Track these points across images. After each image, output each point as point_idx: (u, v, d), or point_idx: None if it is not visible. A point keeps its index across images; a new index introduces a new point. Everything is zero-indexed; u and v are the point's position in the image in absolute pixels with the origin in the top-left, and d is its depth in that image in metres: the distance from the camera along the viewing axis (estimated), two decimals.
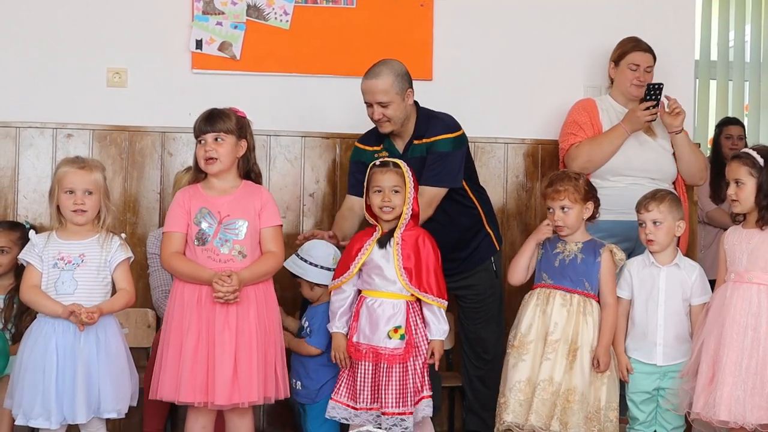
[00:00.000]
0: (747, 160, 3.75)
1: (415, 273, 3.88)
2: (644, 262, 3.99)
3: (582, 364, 3.86)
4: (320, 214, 4.97)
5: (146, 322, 4.69)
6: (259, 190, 3.87)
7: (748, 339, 3.66)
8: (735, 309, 3.70)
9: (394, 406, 3.82)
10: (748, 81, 7.52)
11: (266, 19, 4.93)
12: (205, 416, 3.79)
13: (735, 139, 6.16)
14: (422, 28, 5.01)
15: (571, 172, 4.12)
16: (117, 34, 4.86)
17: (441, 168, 4.31)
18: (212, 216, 3.77)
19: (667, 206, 3.92)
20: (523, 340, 3.91)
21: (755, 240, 3.75)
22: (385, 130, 4.36)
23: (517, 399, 3.86)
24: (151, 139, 4.88)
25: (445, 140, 4.34)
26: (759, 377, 3.62)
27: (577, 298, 3.92)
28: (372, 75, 4.31)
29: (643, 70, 4.69)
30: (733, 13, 7.48)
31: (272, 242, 3.83)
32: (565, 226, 3.94)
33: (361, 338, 3.90)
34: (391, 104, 4.28)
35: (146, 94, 4.88)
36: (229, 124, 3.79)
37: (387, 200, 3.90)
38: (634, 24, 4.94)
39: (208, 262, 3.73)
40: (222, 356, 3.66)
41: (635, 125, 4.56)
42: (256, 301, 3.76)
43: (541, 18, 5.08)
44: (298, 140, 4.97)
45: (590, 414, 3.85)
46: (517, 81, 4.90)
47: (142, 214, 4.88)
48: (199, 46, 4.90)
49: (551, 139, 4.89)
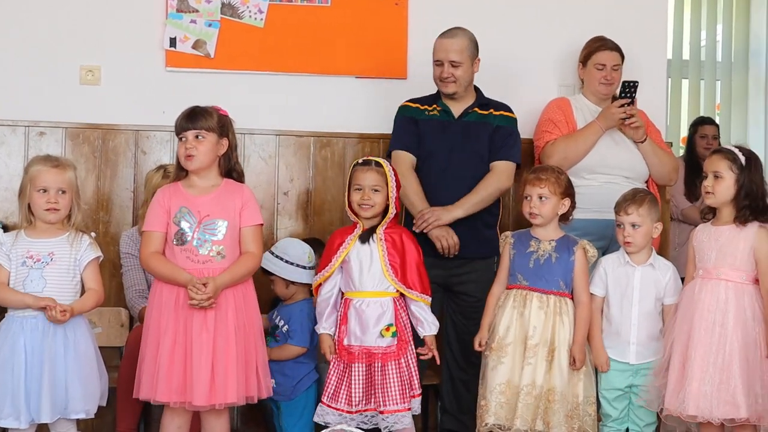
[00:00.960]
0: (729, 155, 3.78)
1: (400, 270, 3.90)
2: (619, 260, 4.02)
3: (560, 364, 3.88)
4: (295, 213, 4.97)
5: (119, 321, 4.67)
6: (240, 189, 3.85)
7: (715, 335, 3.69)
8: (703, 305, 3.74)
9: (396, 404, 3.83)
10: (720, 80, 7.57)
11: (241, 17, 4.92)
12: (181, 416, 3.77)
13: (710, 139, 6.20)
14: (397, 26, 5.01)
15: (555, 167, 4.15)
16: (90, 31, 4.83)
17: (514, 143, 4.56)
18: (192, 215, 3.75)
19: (646, 209, 3.95)
20: (501, 343, 3.92)
21: (724, 237, 3.78)
22: (449, 90, 4.48)
23: (498, 401, 3.87)
24: (124, 138, 4.86)
25: (513, 119, 4.61)
26: (726, 373, 3.65)
27: (553, 299, 3.93)
28: (449, 35, 4.48)
29: (610, 69, 4.71)
30: (705, 13, 7.53)
31: (252, 242, 3.81)
32: (539, 215, 3.96)
33: (353, 340, 3.89)
34: (461, 65, 4.45)
35: (120, 92, 4.85)
36: (210, 122, 3.77)
37: (366, 198, 3.91)
38: (607, 23, 4.96)
39: (187, 263, 3.71)
40: (200, 357, 3.65)
41: (610, 122, 4.58)
42: (234, 302, 3.74)
43: (515, 18, 5.09)
44: (272, 139, 4.96)
45: (570, 411, 3.87)
46: (492, 80, 4.89)
47: (115, 213, 4.85)
48: (173, 44, 4.88)
49: (526, 137, 4.89)
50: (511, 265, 4.03)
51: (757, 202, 3.74)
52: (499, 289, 4.05)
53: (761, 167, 3.83)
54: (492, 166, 4.48)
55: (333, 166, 4.98)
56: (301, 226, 4.95)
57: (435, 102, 4.57)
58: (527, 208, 3.98)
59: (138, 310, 4.38)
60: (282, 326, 4.32)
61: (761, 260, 3.73)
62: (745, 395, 3.63)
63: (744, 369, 3.65)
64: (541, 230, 4.01)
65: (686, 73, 7.52)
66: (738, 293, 3.72)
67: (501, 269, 4.08)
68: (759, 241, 3.73)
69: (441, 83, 4.50)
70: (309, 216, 4.97)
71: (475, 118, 4.52)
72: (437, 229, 4.31)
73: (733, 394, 3.63)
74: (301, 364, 4.31)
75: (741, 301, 3.72)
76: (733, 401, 3.63)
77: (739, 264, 3.74)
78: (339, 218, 4.91)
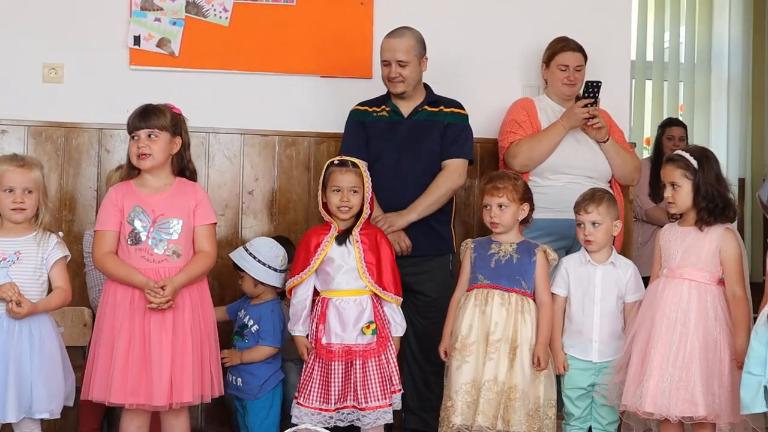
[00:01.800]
0: (681, 163, 3.81)
1: (376, 270, 3.92)
2: (580, 260, 4.04)
3: (522, 362, 3.89)
4: (260, 213, 4.96)
5: (82, 320, 4.63)
6: (193, 188, 3.84)
7: (677, 333, 3.72)
8: (666, 303, 3.76)
9: (378, 400, 3.85)
10: (683, 81, 7.62)
11: (205, 16, 4.90)
12: (140, 417, 3.76)
13: (677, 140, 6.21)
14: (362, 26, 5.01)
15: (510, 172, 4.16)
16: (53, 29, 4.81)
17: (465, 140, 4.56)
18: (146, 215, 3.74)
19: (605, 207, 3.97)
20: (464, 342, 3.93)
21: (690, 238, 3.81)
22: (398, 90, 4.49)
23: (464, 401, 3.88)
24: (87, 136, 4.83)
25: (464, 115, 4.60)
26: (685, 371, 3.68)
27: (515, 296, 3.94)
28: (396, 34, 4.50)
29: (573, 70, 4.73)
30: (669, 15, 7.58)
31: (206, 241, 3.80)
32: (500, 223, 3.97)
33: (333, 338, 3.90)
34: (408, 65, 4.46)
35: (83, 90, 4.82)
36: (163, 120, 3.76)
37: (345, 200, 3.92)
38: (572, 24, 4.98)
39: (142, 262, 3.70)
40: (159, 357, 3.64)
41: (573, 122, 4.60)
42: (191, 301, 3.74)
43: (480, 18, 5.10)
44: (237, 138, 4.95)
45: (531, 411, 3.88)
46: (456, 80, 4.92)
47: (78, 212, 4.82)
48: (137, 42, 4.85)
49: (491, 137, 4.92)
50: (471, 268, 4.04)
51: (714, 202, 3.77)
52: (459, 295, 4.06)
53: (714, 163, 3.83)
54: (444, 164, 4.50)
55: (298, 166, 4.97)
56: (265, 225, 4.94)
57: (384, 103, 4.58)
58: (488, 217, 3.99)
59: None
60: (251, 326, 4.31)
61: (727, 262, 3.76)
62: (703, 393, 3.66)
63: (704, 368, 3.68)
64: (502, 235, 4.03)
65: (650, 74, 7.57)
66: (701, 293, 3.75)
67: (462, 275, 4.08)
68: (725, 244, 3.76)
69: (389, 83, 4.51)
70: (274, 215, 4.96)
71: (425, 116, 4.54)
72: (390, 235, 4.32)
73: (692, 392, 3.66)
74: (268, 363, 4.30)
75: (703, 301, 3.74)
76: (691, 399, 3.66)
77: (703, 265, 3.77)
78: (304, 218, 4.91)
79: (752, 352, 3.52)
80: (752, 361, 3.51)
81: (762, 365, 3.49)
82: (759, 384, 3.49)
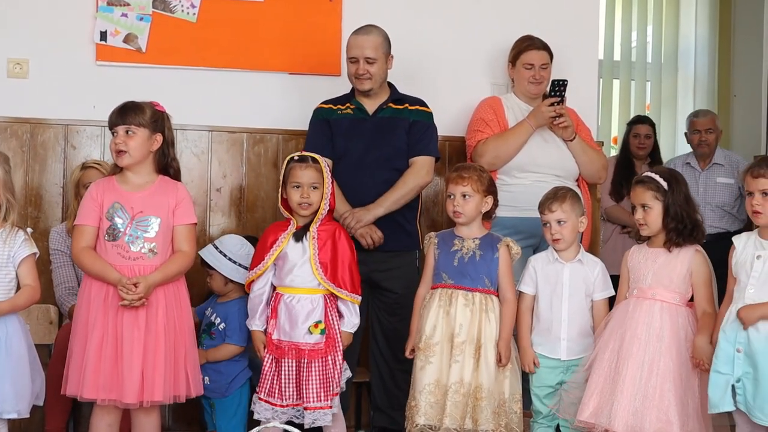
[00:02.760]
0: (651, 185, 3.83)
1: (330, 268, 3.90)
2: (548, 258, 4.05)
3: (487, 361, 3.89)
4: (228, 210, 4.94)
5: (48, 318, 4.60)
6: (175, 187, 3.82)
7: (649, 353, 3.72)
8: (637, 323, 3.77)
9: (317, 401, 3.83)
10: (650, 81, 7.68)
11: (173, 12, 4.88)
12: (111, 414, 3.75)
13: (642, 138, 6.22)
14: (330, 23, 5.00)
15: (477, 165, 4.18)
16: (19, 23, 4.76)
17: (431, 137, 4.58)
18: (125, 211, 3.73)
19: (569, 205, 3.99)
20: (428, 342, 3.93)
21: (661, 260, 3.82)
22: (365, 87, 4.50)
23: (428, 401, 3.88)
24: (53, 132, 4.79)
25: (428, 113, 4.61)
26: (659, 390, 3.69)
27: (478, 296, 3.95)
28: (363, 32, 4.51)
29: (538, 68, 4.74)
30: (636, 14, 7.63)
31: (184, 241, 3.79)
32: (463, 213, 3.97)
33: (282, 335, 3.89)
34: (376, 62, 4.48)
35: (49, 85, 4.78)
36: (141, 117, 3.74)
37: (305, 196, 3.91)
38: (540, 23, 5.00)
39: (117, 259, 3.68)
40: (130, 355, 3.63)
41: (540, 121, 4.62)
42: (165, 301, 3.72)
43: (448, 16, 5.11)
44: (205, 134, 4.93)
45: (497, 408, 3.89)
46: (424, 78, 4.93)
47: (44, 209, 4.78)
48: (104, 37, 4.82)
49: (458, 136, 4.93)
50: (435, 265, 4.04)
51: (684, 223, 3.79)
52: (424, 291, 4.06)
53: (683, 185, 3.87)
54: (411, 162, 4.51)
55: (266, 163, 4.96)
56: (234, 222, 4.93)
57: (348, 101, 4.58)
58: (451, 206, 3.99)
59: (68, 308, 4.33)
60: (218, 324, 4.30)
61: (699, 285, 3.79)
62: (678, 413, 3.67)
63: (678, 387, 3.70)
64: (464, 229, 4.03)
65: (617, 73, 7.62)
66: (672, 314, 3.77)
67: (426, 270, 4.08)
68: (696, 267, 3.79)
69: (356, 80, 4.51)
70: (242, 213, 4.95)
71: (390, 114, 4.54)
72: (360, 230, 4.32)
73: (667, 411, 3.66)
74: (235, 361, 4.30)
75: (675, 322, 3.76)
76: (666, 418, 3.66)
77: (675, 286, 3.79)
78: (272, 215, 4.89)
79: (720, 351, 3.55)
80: (720, 360, 3.54)
81: (730, 364, 3.53)
82: (727, 383, 3.52)
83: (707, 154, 6.18)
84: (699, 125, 6.22)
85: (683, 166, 6.15)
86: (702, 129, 6.20)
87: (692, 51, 7.63)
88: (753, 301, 3.52)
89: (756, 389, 3.47)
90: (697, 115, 6.34)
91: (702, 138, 6.17)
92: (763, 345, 3.48)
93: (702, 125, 6.21)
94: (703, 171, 6.17)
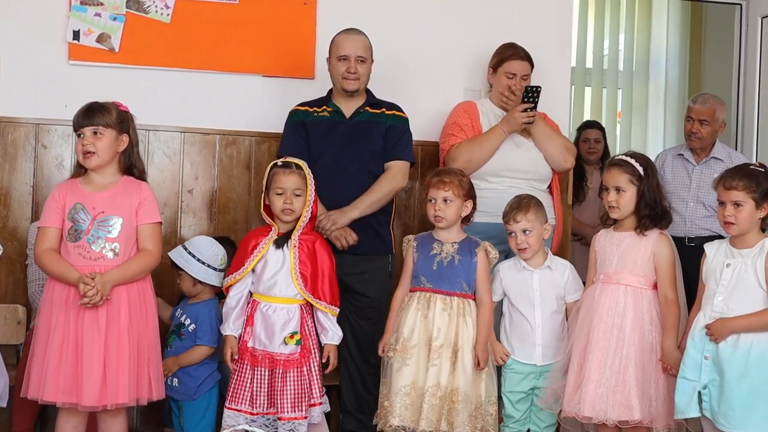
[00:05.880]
0: (627, 168, 3.86)
1: (310, 279, 3.88)
2: (516, 266, 4.09)
3: (464, 364, 3.91)
4: (199, 211, 4.92)
5: (16, 318, 4.54)
6: (138, 186, 3.80)
7: (613, 338, 3.78)
8: (602, 308, 3.82)
9: (290, 411, 3.81)
10: (621, 88, 7.74)
11: (147, 12, 4.86)
12: (77, 416, 3.72)
13: (592, 142, 6.08)
14: (305, 26, 5.00)
15: (456, 169, 4.21)
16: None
17: (407, 143, 4.60)
18: (86, 212, 3.70)
19: (533, 214, 4.03)
20: (405, 345, 3.94)
21: (626, 243, 3.86)
22: (352, 87, 4.53)
23: (403, 403, 3.89)
24: (24, 131, 4.76)
25: (404, 118, 4.64)
26: (622, 376, 3.74)
27: (456, 300, 3.97)
28: (354, 32, 4.56)
29: (519, 78, 4.75)
30: (608, 23, 7.70)
31: (149, 240, 3.77)
32: (444, 218, 3.99)
33: (257, 344, 3.87)
34: (365, 63, 4.54)
35: (20, 84, 4.75)
36: (108, 118, 3.72)
37: (288, 203, 3.89)
38: (514, 30, 5.03)
39: (79, 259, 3.66)
40: (90, 357, 3.60)
41: (513, 127, 4.63)
42: (128, 301, 3.70)
43: (423, 21, 5.13)
44: (177, 135, 4.91)
45: (473, 411, 3.91)
46: (399, 83, 4.94)
47: (13, 207, 4.75)
48: (77, 37, 4.79)
49: (432, 140, 4.94)
50: (414, 268, 4.06)
51: (656, 209, 3.84)
52: (402, 293, 4.08)
53: (656, 171, 3.94)
54: (387, 166, 4.52)
55: (238, 165, 4.95)
56: (205, 224, 4.91)
57: (325, 103, 4.59)
58: (432, 211, 4.01)
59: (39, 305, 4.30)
60: (188, 325, 4.28)
61: (660, 266, 3.82)
62: (639, 398, 3.72)
63: (639, 372, 3.75)
64: (443, 233, 4.05)
65: (589, 80, 7.67)
66: (637, 298, 3.82)
67: (405, 273, 4.10)
68: (659, 248, 3.83)
69: (344, 80, 4.51)
70: (214, 214, 4.93)
71: (366, 118, 4.56)
72: (335, 232, 4.33)
73: (628, 397, 3.72)
74: (205, 364, 4.28)
75: (639, 306, 3.81)
76: (627, 403, 3.72)
77: (639, 270, 3.83)
78: (244, 217, 4.89)
79: (688, 358, 3.59)
80: (687, 367, 3.58)
81: (697, 371, 3.56)
82: (693, 389, 3.56)
83: (698, 148, 5.24)
84: (694, 112, 5.24)
85: (675, 157, 5.31)
86: (696, 118, 5.22)
87: (663, 59, 7.70)
88: (721, 309, 3.56)
89: (721, 396, 3.51)
90: (696, 101, 5.30)
91: (693, 128, 5.21)
92: (729, 353, 3.51)
93: (697, 113, 5.22)
94: (698, 165, 5.24)
